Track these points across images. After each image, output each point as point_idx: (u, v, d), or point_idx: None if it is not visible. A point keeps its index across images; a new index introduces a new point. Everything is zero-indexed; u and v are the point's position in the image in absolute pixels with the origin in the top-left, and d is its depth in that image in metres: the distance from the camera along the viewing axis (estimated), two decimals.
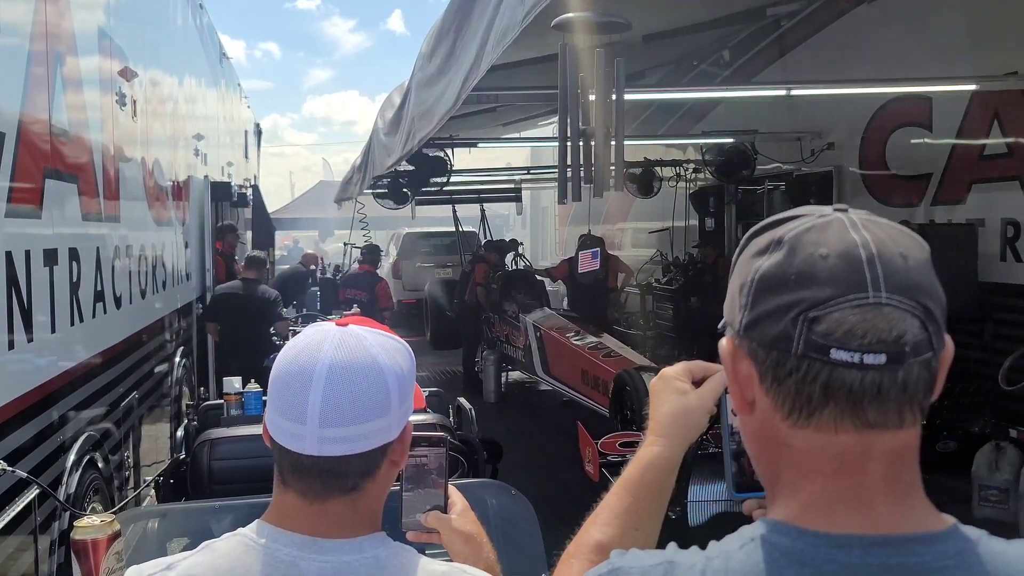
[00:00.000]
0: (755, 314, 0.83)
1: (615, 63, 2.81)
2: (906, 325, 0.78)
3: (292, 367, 1.09)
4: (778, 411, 0.84)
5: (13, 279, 3.17)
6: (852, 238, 0.81)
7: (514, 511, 2.47)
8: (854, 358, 0.78)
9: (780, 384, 0.83)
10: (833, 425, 0.81)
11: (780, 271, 0.82)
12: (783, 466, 0.86)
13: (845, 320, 0.78)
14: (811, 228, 0.83)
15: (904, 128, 7.46)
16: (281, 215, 21.50)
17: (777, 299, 0.81)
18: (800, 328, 0.79)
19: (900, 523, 0.83)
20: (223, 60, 11.83)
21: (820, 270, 0.80)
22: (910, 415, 0.82)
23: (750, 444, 0.92)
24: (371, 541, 1.10)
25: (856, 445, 0.82)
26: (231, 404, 3.77)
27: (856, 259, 0.80)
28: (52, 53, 3.75)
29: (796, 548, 0.82)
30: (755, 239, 0.87)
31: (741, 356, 0.86)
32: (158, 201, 6.45)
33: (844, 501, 0.83)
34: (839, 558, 0.81)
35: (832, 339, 0.78)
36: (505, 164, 14.93)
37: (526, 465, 6.74)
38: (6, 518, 2.99)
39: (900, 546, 0.81)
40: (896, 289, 0.79)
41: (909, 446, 0.84)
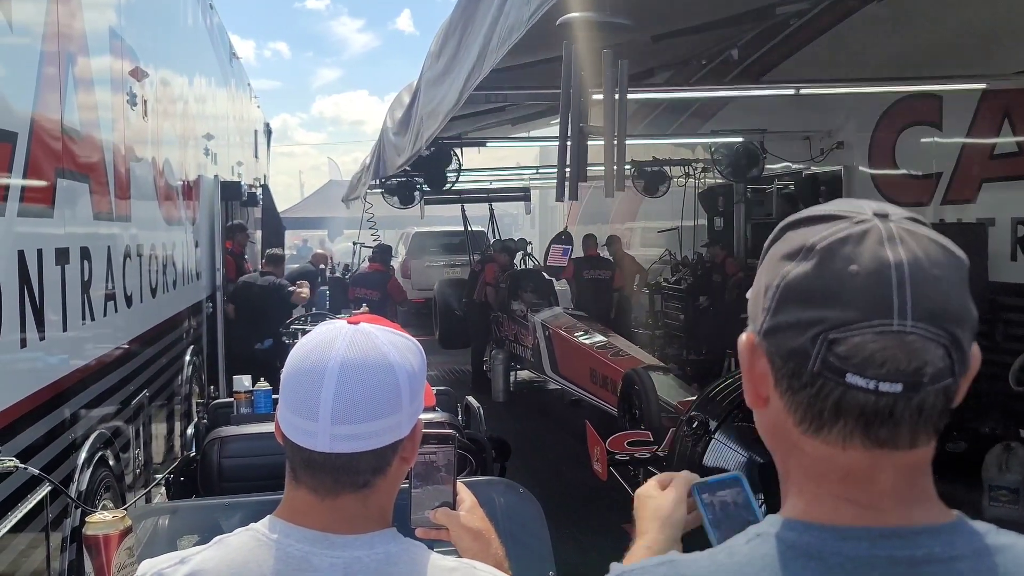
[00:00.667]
0: (776, 322, 0.82)
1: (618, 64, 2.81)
2: (928, 356, 0.77)
3: (304, 364, 1.10)
4: (790, 416, 0.84)
5: (25, 278, 3.19)
6: (886, 256, 0.78)
7: (522, 509, 2.48)
8: (869, 385, 0.77)
9: (794, 394, 0.83)
10: (841, 442, 0.81)
11: (807, 283, 0.80)
12: (793, 465, 0.87)
13: (865, 347, 0.77)
14: (846, 239, 0.80)
15: (914, 127, 7.44)
16: (290, 214, 21.54)
17: (800, 312, 0.80)
18: (819, 347, 0.79)
19: (907, 517, 0.82)
20: (233, 60, 11.87)
21: (847, 288, 0.78)
22: (924, 437, 0.81)
23: (765, 436, 0.91)
24: (382, 537, 1.11)
25: (864, 460, 0.82)
26: (241, 402, 3.79)
27: (886, 281, 0.77)
28: (64, 53, 3.77)
29: (803, 541, 0.82)
30: (789, 234, 0.85)
31: (759, 354, 0.86)
32: (168, 200, 6.48)
33: (851, 501, 0.83)
34: (846, 550, 0.81)
35: (849, 364, 0.78)
36: (514, 163, 14.94)
37: (534, 464, 6.76)
38: (18, 515, 3.01)
39: (907, 538, 0.81)
40: (923, 316, 0.77)
41: (921, 461, 0.83)
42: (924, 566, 0.80)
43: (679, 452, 4.67)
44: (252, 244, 12.05)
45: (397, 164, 7.66)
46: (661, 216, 12.60)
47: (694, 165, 11.04)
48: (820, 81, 7.19)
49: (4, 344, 2.96)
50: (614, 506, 5.67)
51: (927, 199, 7.27)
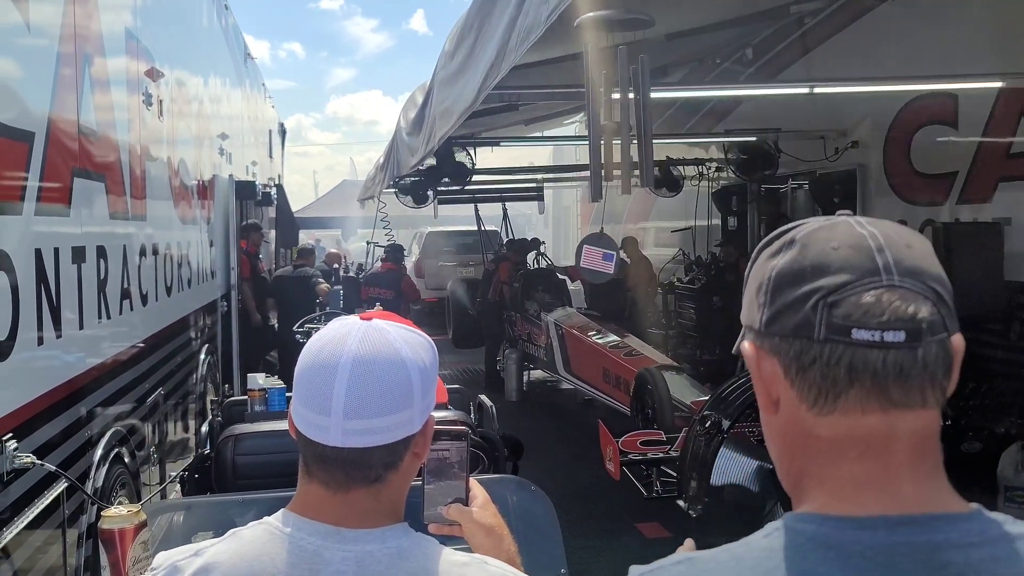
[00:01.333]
0: (775, 308, 0.86)
1: (639, 59, 2.81)
2: (921, 304, 0.81)
3: (317, 360, 1.11)
4: (803, 401, 0.85)
5: (43, 276, 3.22)
6: (860, 232, 0.85)
7: (534, 507, 2.48)
8: (875, 336, 0.80)
9: (804, 373, 0.84)
10: (860, 407, 0.83)
11: (796, 265, 0.85)
12: (808, 459, 0.88)
13: (863, 302, 0.81)
14: (820, 227, 0.88)
15: (929, 126, 7.40)
16: (304, 214, 21.62)
17: (795, 291, 0.84)
18: (821, 313, 0.82)
19: (925, 503, 0.84)
20: (248, 60, 11.92)
21: (833, 260, 0.84)
22: (932, 395, 0.83)
23: (774, 445, 0.93)
24: (393, 531, 1.12)
25: (882, 426, 0.83)
26: (255, 400, 3.81)
27: (867, 248, 0.84)
28: (80, 54, 3.80)
29: (820, 532, 0.84)
30: (767, 247, 0.91)
31: (764, 355, 0.88)
32: (183, 200, 6.52)
33: (870, 484, 0.84)
34: (864, 539, 0.82)
35: (852, 320, 0.81)
36: (527, 163, 14.94)
37: (547, 463, 6.76)
38: (35, 511, 3.04)
39: (925, 524, 0.82)
40: (906, 273, 0.82)
41: (931, 428, 0.85)
42: (943, 552, 0.81)
43: (692, 452, 4.67)
44: (266, 243, 12.11)
45: (411, 164, 7.68)
46: (674, 216, 12.57)
47: (708, 164, 11.01)
48: (835, 80, 7.17)
49: (22, 342, 2.98)
50: (626, 505, 5.67)
51: (942, 198, 7.23)
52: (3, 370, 2.85)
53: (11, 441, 2.84)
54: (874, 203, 8.36)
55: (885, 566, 0.81)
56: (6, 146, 2.97)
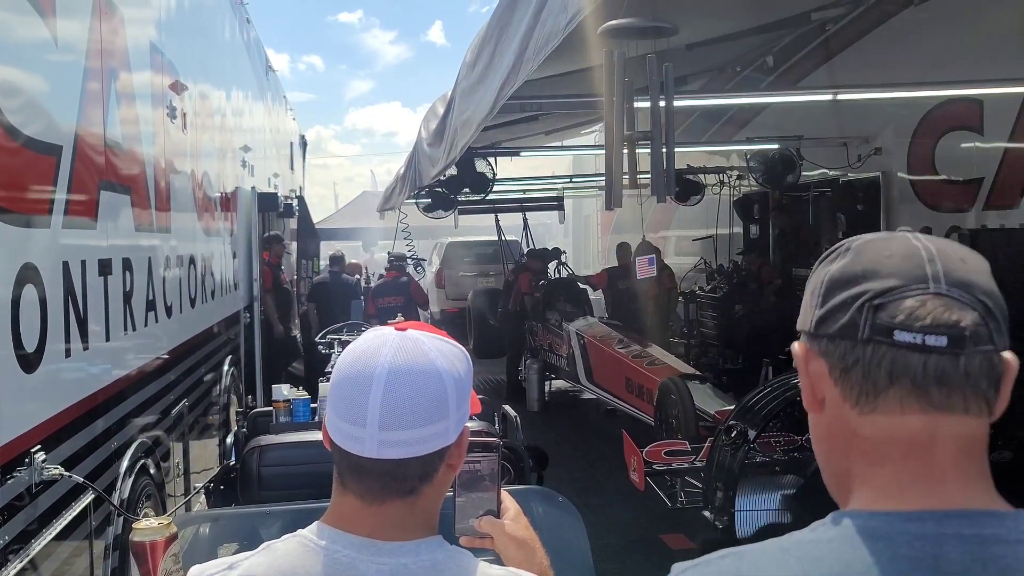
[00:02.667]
0: (825, 310, 0.88)
1: (663, 68, 2.81)
2: (966, 314, 0.82)
3: (352, 371, 1.11)
4: (846, 400, 0.87)
5: (70, 289, 3.25)
6: (915, 244, 0.87)
7: (561, 518, 2.47)
8: (916, 339, 0.82)
9: (848, 373, 0.86)
10: (899, 407, 0.84)
11: (848, 270, 0.88)
12: (854, 458, 0.89)
13: (907, 305, 0.83)
14: (877, 238, 0.90)
15: (954, 132, 7.34)
16: (325, 225, 21.71)
17: (845, 293, 0.86)
18: (866, 315, 0.84)
19: (972, 500, 0.84)
20: (269, 73, 12.01)
21: (884, 266, 0.86)
22: (975, 403, 0.84)
23: (820, 445, 0.94)
24: (428, 544, 1.11)
25: (924, 427, 0.84)
26: (280, 411, 3.82)
27: (919, 257, 0.85)
28: (106, 69, 3.84)
29: (869, 525, 0.84)
30: (826, 258, 0.93)
31: (812, 356, 0.90)
32: (207, 212, 6.56)
33: (916, 482, 0.85)
34: (912, 530, 0.83)
35: (896, 322, 0.83)
36: (547, 173, 14.94)
37: (570, 473, 6.73)
38: (63, 522, 3.05)
39: (974, 519, 0.83)
40: (955, 284, 0.83)
41: (976, 434, 0.86)
42: (992, 546, 0.82)
43: (717, 462, 4.63)
44: (288, 255, 12.17)
45: (432, 175, 7.70)
46: (696, 224, 12.52)
47: (729, 172, 10.96)
48: (858, 86, 7.12)
49: (50, 354, 3.00)
50: (651, 516, 5.63)
51: (968, 205, 7.17)
52: (31, 382, 2.87)
53: (39, 453, 2.85)
54: (898, 210, 8.30)
55: (934, 556, 0.81)
56: (34, 160, 3.00)
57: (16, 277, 2.76)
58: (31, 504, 2.83)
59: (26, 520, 2.80)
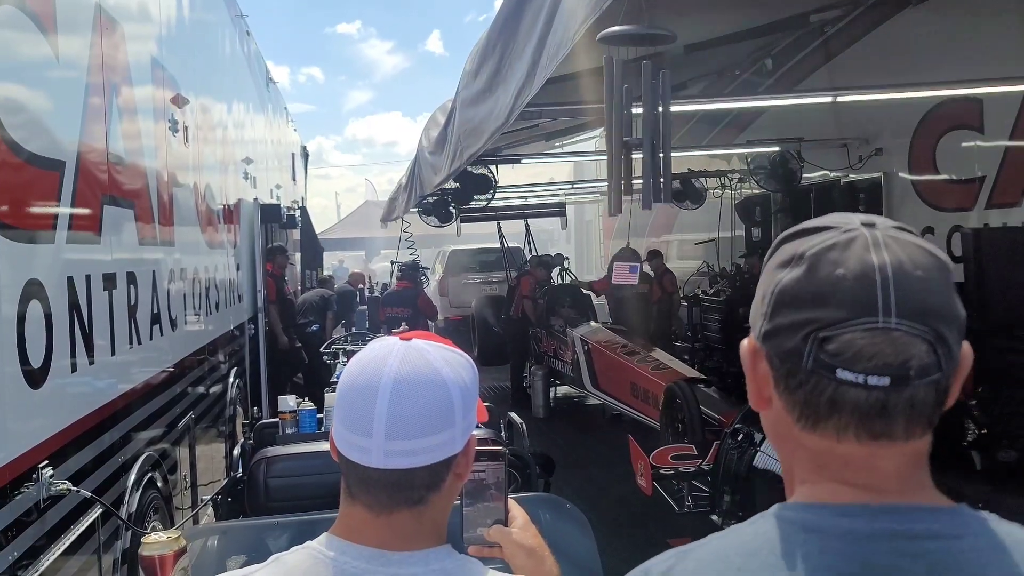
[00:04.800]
0: (773, 325, 0.87)
1: (660, 74, 2.82)
2: (913, 350, 0.80)
3: (358, 381, 1.11)
4: (789, 414, 0.88)
5: (75, 303, 3.26)
6: (871, 260, 0.82)
7: (569, 526, 2.46)
8: (859, 379, 0.81)
9: (792, 393, 0.86)
10: (836, 436, 0.84)
11: (798, 287, 0.85)
12: (795, 460, 0.91)
13: (854, 343, 0.81)
14: (833, 246, 0.85)
15: (954, 131, 7.34)
16: (327, 236, 21.76)
17: (793, 315, 0.84)
18: (811, 347, 0.83)
19: (908, 496, 0.85)
20: (270, 85, 12.04)
21: (835, 291, 0.82)
22: (918, 429, 0.84)
23: (769, 437, 0.96)
24: (437, 554, 1.11)
25: (861, 453, 0.85)
26: (286, 422, 3.82)
27: (871, 282, 0.81)
28: (108, 84, 3.85)
29: (802, 518, 0.86)
30: (784, 246, 0.90)
31: (760, 357, 0.90)
32: (210, 225, 6.58)
33: (852, 484, 0.86)
34: (844, 524, 0.83)
35: (839, 360, 0.81)
36: (548, 179, 14.96)
37: (577, 480, 6.72)
38: (71, 537, 3.06)
39: (907, 514, 0.83)
40: (908, 314, 0.81)
41: (916, 455, 0.86)
42: (924, 541, 0.82)
43: (724, 465, 4.62)
44: (292, 266, 12.18)
45: (435, 183, 7.71)
46: (698, 228, 12.52)
47: (730, 176, 10.96)
48: (858, 88, 7.12)
49: (56, 369, 3.01)
50: (660, 521, 5.61)
51: (970, 204, 7.16)
52: (38, 398, 2.88)
53: (47, 468, 2.86)
54: (900, 210, 8.29)
55: (864, 551, 0.82)
56: (37, 176, 3.01)
57: (21, 293, 2.77)
58: (39, 519, 2.84)
59: (35, 536, 2.80)
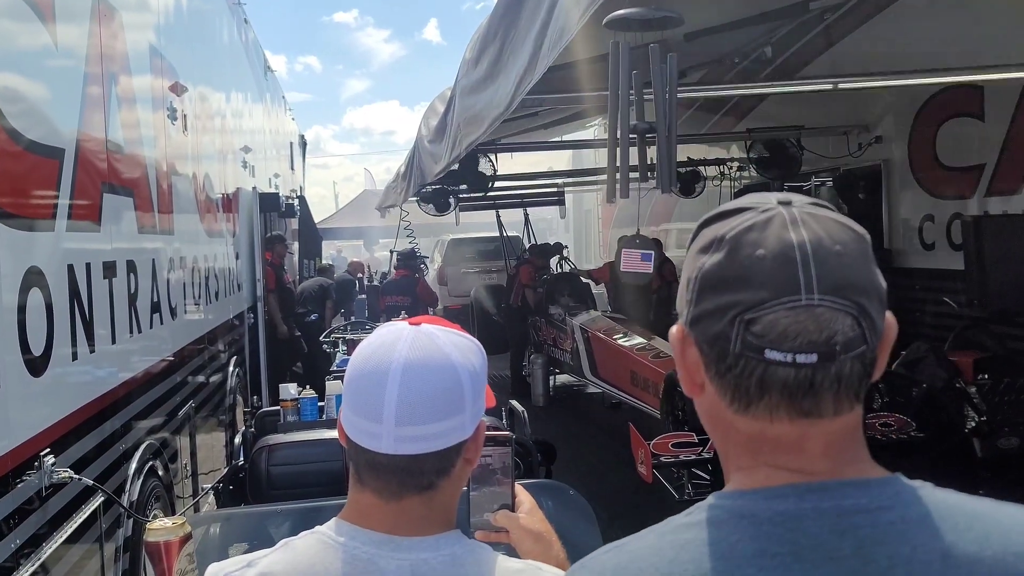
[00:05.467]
0: (698, 311, 0.87)
1: (668, 58, 2.80)
2: (837, 325, 0.81)
3: (367, 366, 1.10)
4: (722, 399, 0.88)
5: (75, 292, 3.25)
6: (789, 238, 0.83)
7: (573, 512, 2.47)
8: (787, 358, 0.81)
9: (722, 377, 0.86)
10: (769, 416, 0.85)
11: (720, 271, 0.85)
12: (730, 444, 0.91)
13: (778, 322, 0.81)
14: (752, 227, 0.85)
15: (955, 119, 7.32)
16: (326, 225, 21.72)
17: (717, 299, 0.85)
18: (737, 329, 0.83)
19: (838, 472, 0.85)
20: (268, 74, 12.00)
21: (756, 272, 0.83)
22: (846, 403, 0.85)
23: (705, 424, 0.95)
24: (447, 539, 1.11)
25: (792, 431, 0.85)
26: (287, 410, 3.82)
27: (791, 260, 0.82)
28: (107, 72, 3.84)
29: (736, 505, 0.87)
30: (704, 230, 0.91)
31: (689, 344, 0.90)
32: (209, 213, 6.57)
33: (783, 468, 0.86)
34: (775, 507, 0.84)
35: (766, 340, 0.82)
36: (547, 168, 14.92)
37: (578, 467, 6.73)
38: (73, 525, 3.06)
39: (834, 490, 0.84)
40: (829, 289, 0.81)
41: (848, 427, 0.87)
42: (851, 516, 0.83)
43: None
44: (290, 255, 12.17)
45: (435, 171, 7.69)
46: (697, 216, 12.31)
47: (729, 164, 10.94)
48: (857, 75, 7.10)
49: (57, 358, 3.01)
50: (659, 509, 5.62)
51: (970, 191, 7.15)
52: (39, 386, 2.88)
53: (48, 456, 2.86)
54: (899, 198, 8.28)
55: (793, 531, 0.82)
56: (37, 163, 3.00)
57: (22, 281, 2.77)
58: (41, 508, 2.84)
59: (37, 523, 2.81)
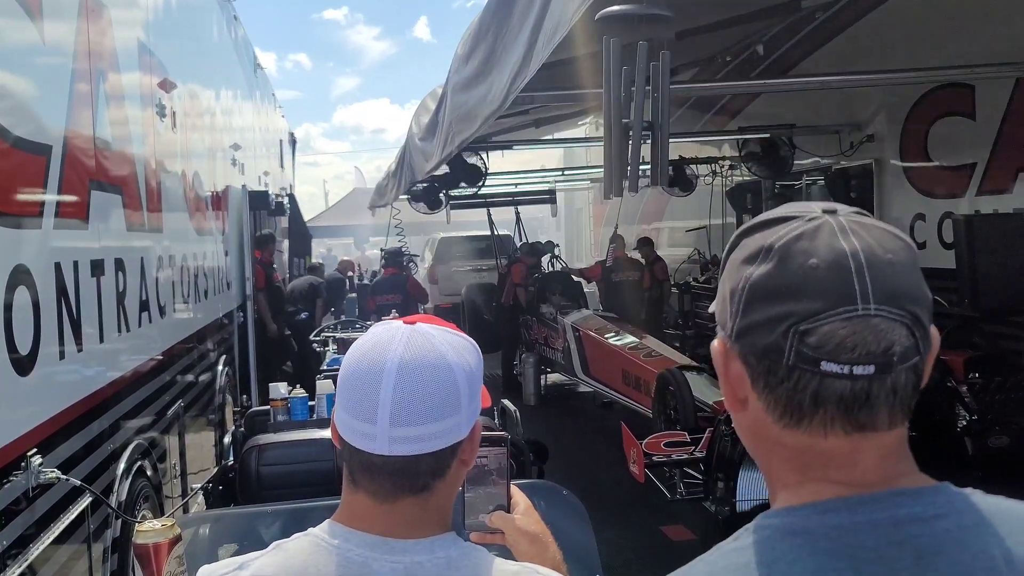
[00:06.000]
0: (746, 323, 0.84)
1: (660, 55, 2.79)
2: (894, 335, 0.79)
3: (361, 365, 1.08)
4: (769, 414, 0.85)
5: (62, 290, 3.21)
6: (841, 246, 0.81)
7: (566, 512, 2.45)
8: (844, 370, 0.79)
9: (772, 391, 0.84)
10: (823, 431, 0.82)
11: (771, 281, 0.82)
12: (775, 462, 0.88)
13: (835, 333, 0.79)
14: (801, 235, 0.83)
15: (946, 118, 7.33)
16: (316, 223, 21.67)
17: (768, 310, 0.82)
18: (791, 340, 0.80)
19: (888, 482, 0.83)
20: (258, 71, 11.95)
21: (810, 281, 0.80)
22: (900, 416, 0.83)
23: (746, 440, 0.93)
24: (442, 541, 1.09)
25: (845, 446, 0.83)
26: (277, 410, 3.79)
27: (846, 270, 0.80)
28: (95, 69, 3.80)
29: (786, 523, 0.84)
30: (745, 240, 0.88)
31: (733, 357, 0.87)
32: (198, 211, 6.52)
33: (835, 482, 0.84)
34: (828, 521, 0.82)
35: (823, 352, 0.79)
36: (538, 166, 14.92)
37: (569, 467, 6.72)
38: (61, 526, 3.03)
39: (886, 500, 0.82)
40: (884, 299, 0.79)
41: (897, 441, 0.85)
42: (907, 526, 0.81)
43: (717, 452, 4.62)
44: (280, 253, 12.13)
45: (426, 169, 7.66)
46: (688, 215, 12.51)
47: (721, 163, 10.95)
48: (849, 74, 7.11)
49: (44, 357, 2.97)
50: (652, 508, 5.62)
51: (961, 190, 7.16)
52: (26, 385, 2.84)
53: (36, 456, 2.83)
54: (891, 197, 8.30)
55: (851, 545, 0.80)
56: (24, 160, 2.96)
57: (8, 280, 2.73)
58: (28, 508, 2.81)
59: (24, 524, 2.77)
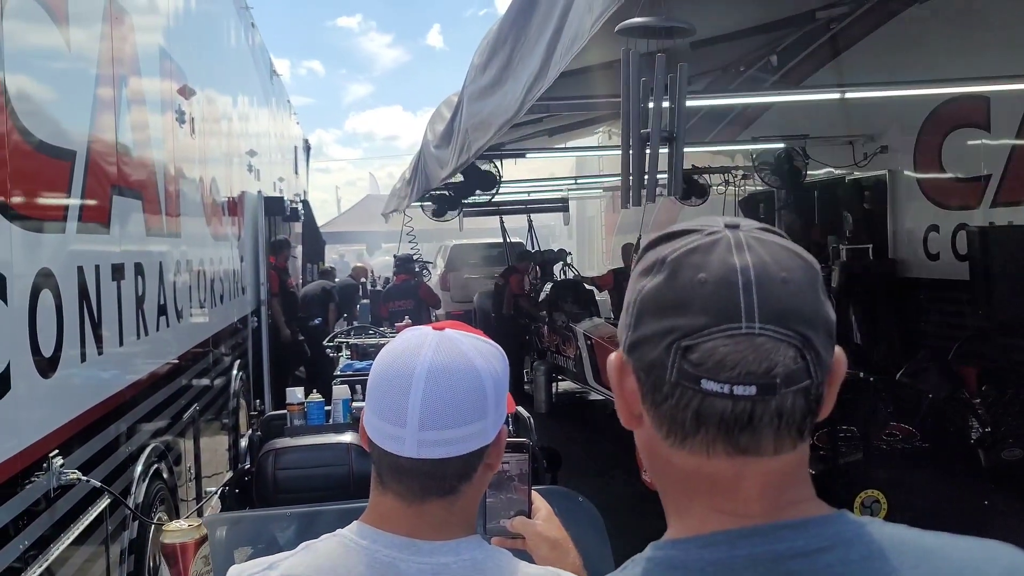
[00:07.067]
0: (636, 336, 0.82)
1: (678, 67, 2.83)
2: (779, 356, 0.76)
3: (391, 370, 1.11)
4: (658, 431, 0.83)
5: (84, 293, 3.25)
6: (733, 262, 0.79)
7: (581, 519, 2.46)
8: (724, 389, 0.76)
9: (658, 407, 0.82)
10: (706, 451, 0.80)
11: (660, 294, 0.81)
12: (668, 481, 0.86)
13: (716, 350, 0.77)
14: (695, 249, 0.81)
15: (960, 129, 7.33)
16: (328, 229, 21.75)
17: (655, 324, 0.80)
18: (674, 356, 0.78)
19: (772, 516, 0.80)
20: (273, 77, 12.02)
21: (697, 296, 0.78)
22: (788, 441, 0.79)
23: (642, 456, 0.90)
24: (467, 543, 1.11)
25: (729, 469, 0.80)
26: (294, 414, 3.82)
27: (733, 286, 0.78)
28: (117, 74, 3.85)
29: (669, 556, 0.83)
30: (648, 252, 0.86)
31: (627, 372, 0.85)
32: (215, 216, 6.57)
33: (719, 511, 0.82)
34: (707, 556, 0.80)
35: (703, 369, 0.77)
36: (549, 174, 14.96)
37: (581, 475, 6.72)
38: (80, 527, 3.06)
39: (768, 535, 0.79)
40: (771, 318, 0.77)
41: (788, 467, 0.81)
42: (787, 561, 0.78)
43: None
44: (294, 259, 12.19)
45: (440, 176, 7.70)
46: None
47: (734, 172, 10.96)
48: (864, 84, 7.12)
49: (66, 359, 3.01)
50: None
51: (975, 202, 7.16)
52: (49, 387, 2.87)
53: (57, 457, 2.86)
54: (904, 208, 8.29)
55: None
56: (50, 164, 3.01)
57: (33, 282, 2.77)
58: (49, 509, 2.84)
59: (44, 525, 2.80)
